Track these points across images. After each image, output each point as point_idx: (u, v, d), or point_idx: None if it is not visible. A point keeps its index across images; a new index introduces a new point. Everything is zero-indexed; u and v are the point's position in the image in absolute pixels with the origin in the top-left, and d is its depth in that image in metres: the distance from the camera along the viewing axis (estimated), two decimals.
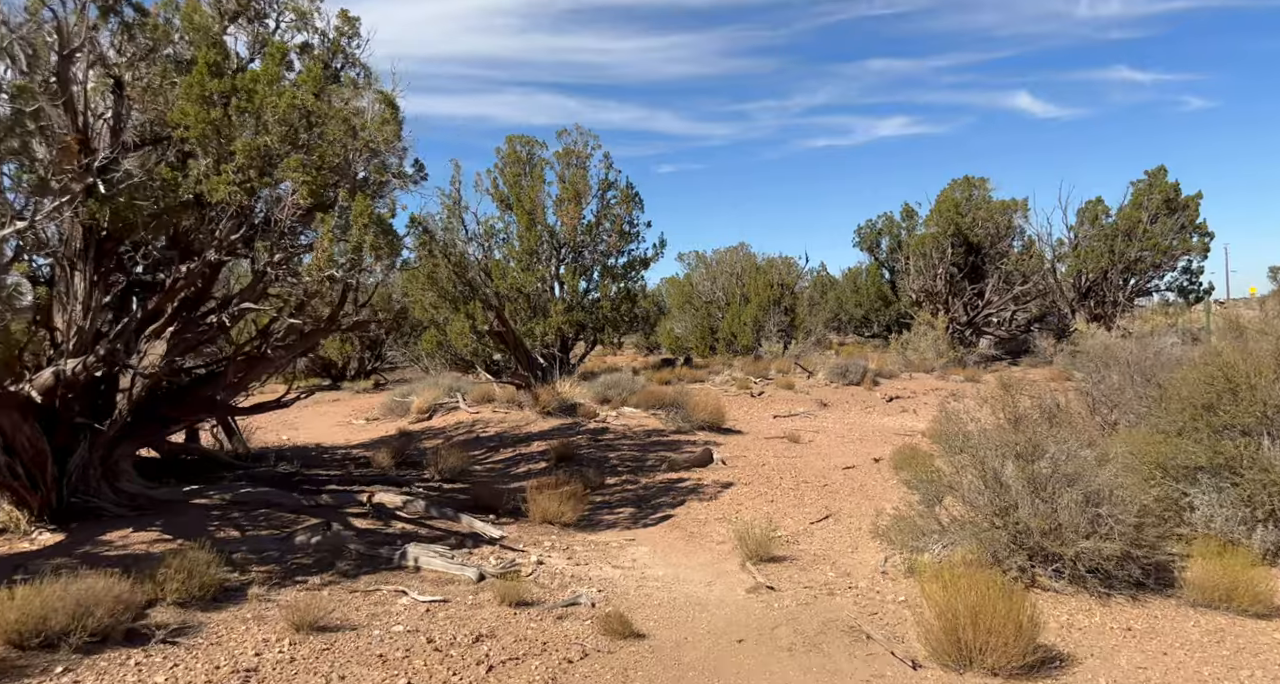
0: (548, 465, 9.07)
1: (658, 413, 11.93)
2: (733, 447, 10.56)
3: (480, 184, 19.28)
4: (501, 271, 17.88)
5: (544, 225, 18.45)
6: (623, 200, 19.52)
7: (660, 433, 11.03)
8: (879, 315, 30.47)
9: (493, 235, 19.19)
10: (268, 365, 7.13)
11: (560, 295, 18.37)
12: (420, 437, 10.37)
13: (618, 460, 9.28)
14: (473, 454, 9.56)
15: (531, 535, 6.62)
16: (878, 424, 13.39)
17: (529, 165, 19.02)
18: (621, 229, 19.30)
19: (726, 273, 29.11)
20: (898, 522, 6.40)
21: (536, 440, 10.08)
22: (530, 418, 11.04)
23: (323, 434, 11.26)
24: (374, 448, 10.07)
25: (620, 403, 12.55)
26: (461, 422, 10.94)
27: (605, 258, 19.38)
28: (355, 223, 5.35)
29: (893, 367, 19.75)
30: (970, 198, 20.89)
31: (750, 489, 8.31)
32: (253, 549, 5.45)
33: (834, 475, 9.08)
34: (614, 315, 18.66)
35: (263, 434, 11.53)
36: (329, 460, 8.47)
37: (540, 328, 17.71)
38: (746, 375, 19.03)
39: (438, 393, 12.08)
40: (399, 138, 6.05)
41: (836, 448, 10.95)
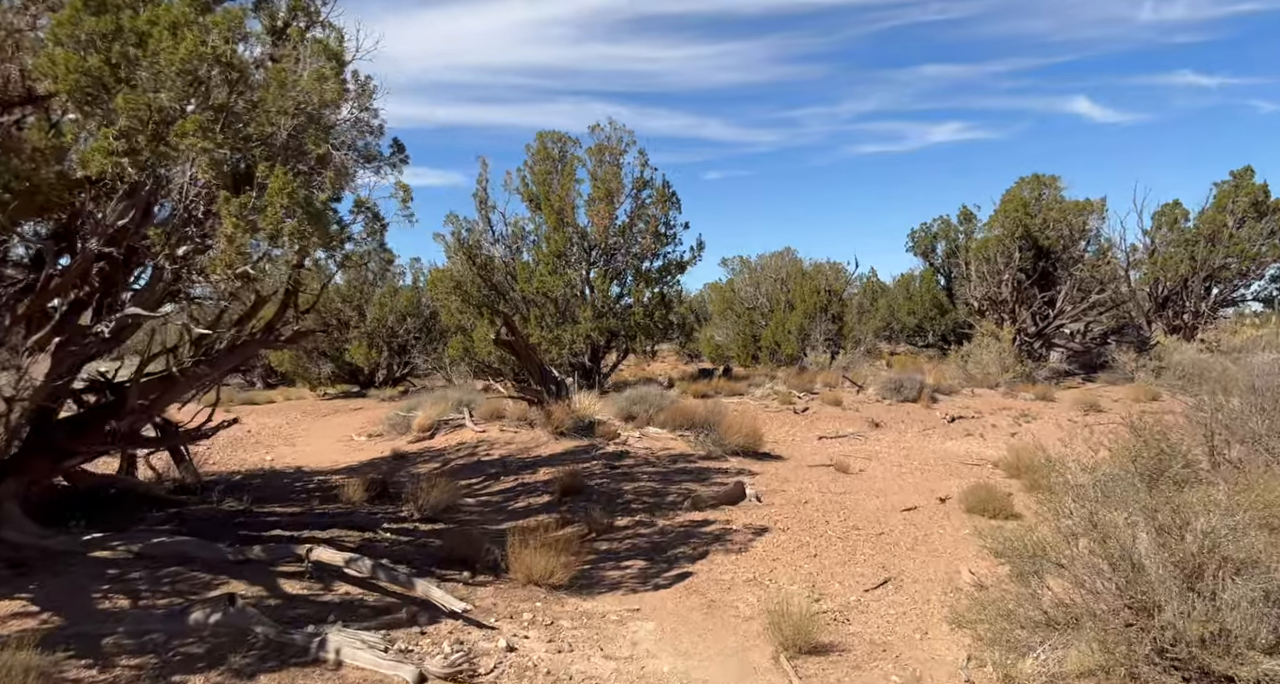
0: (551, 500, 7.67)
1: (686, 434, 10.45)
2: (770, 477, 9.03)
3: (509, 182, 18.11)
4: (527, 274, 16.61)
5: (573, 226, 17.14)
6: (658, 200, 18.10)
7: (688, 458, 9.55)
8: (934, 324, 28.46)
9: (522, 237, 18.00)
10: (188, 386, 5.90)
11: (590, 300, 17.03)
12: (415, 460, 9.10)
13: (633, 495, 7.84)
14: (467, 483, 8.22)
15: (509, 602, 5.22)
16: (939, 450, 11.69)
17: (560, 163, 17.76)
18: (656, 230, 17.88)
19: (771, 278, 27.48)
20: (982, 603, 4.83)
21: (544, 466, 8.70)
22: (541, 439, 9.70)
23: (314, 453, 10.08)
24: (361, 472, 8.80)
25: (646, 421, 11.11)
26: (465, 442, 9.66)
27: (639, 261, 17.98)
28: (271, 203, 4.05)
29: (952, 381, 17.91)
30: (1040, 197, 18.94)
31: (789, 537, 6.78)
32: (133, 631, 4.16)
33: (891, 520, 7.49)
34: (647, 322, 17.24)
35: (244, 453, 10.38)
36: (295, 491, 7.24)
37: (569, 335, 16.39)
38: (790, 389, 17.42)
39: (444, 408, 10.84)
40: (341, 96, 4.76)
41: (893, 480, 9.32)
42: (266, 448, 11.08)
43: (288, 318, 6.31)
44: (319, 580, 5.01)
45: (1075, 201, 18.70)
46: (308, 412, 17.13)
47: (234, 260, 4.14)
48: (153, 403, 5.67)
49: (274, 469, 8.53)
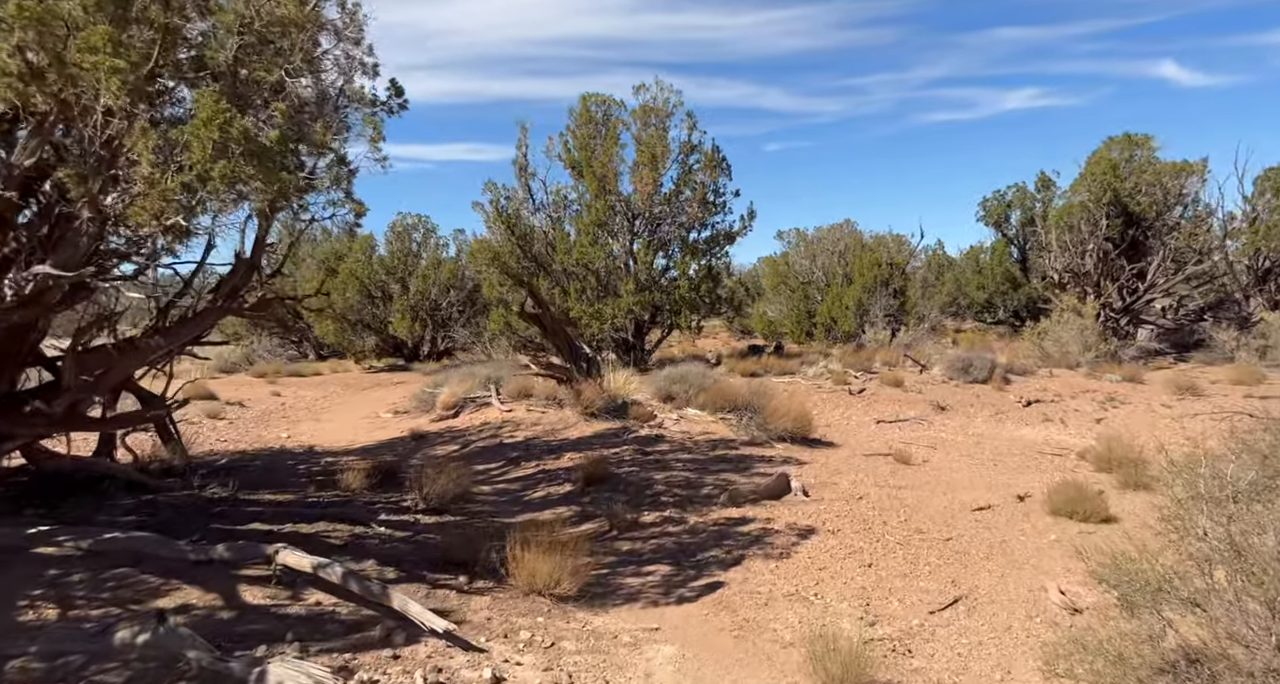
0: (573, 490, 6.88)
1: (728, 417, 9.54)
2: (820, 468, 8.07)
3: (551, 149, 17.26)
4: (567, 245, 15.81)
5: (616, 194, 16.23)
6: (707, 165, 17.04)
7: (728, 444, 8.65)
8: (1005, 299, 26.72)
9: (564, 206, 17.18)
10: (139, 359, 5.24)
11: (633, 273, 16.15)
12: (434, 440, 8.44)
13: (664, 486, 6.99)
14: (485, 469, 7.49)
15: (507, 616, 4.44)
16: (1014, 437, 10.51)
17: (603, 127, 16.83)
18: (704, 198, 16.85)
19: (828, 251, 26.13)
20: (1082, 642, 3.84)
21: (570, 451, 7.92)
22: (569, 420, 8.92)
23: (334, 431, 9.52)
24: (375, 453, 8.16)
25: (685, 402, 10.23)
26: (489, 422, 8.96)
27: (685, 231, 17.00)
28: (196, 136, 3.27)
29: (1027, 361, 16.49)
30: (1130, 159, 17.18)
31: (839, 542, 5.85)
32: (48, 651, 3.51)
33: (961, 521, 6.48)
34: (693, 296, 16.28)
35: (264, 430, 9.89)
36: (295, 474, 6.62)
37: (610, 309, 15.58)
38: (845, 368, 16.28)
39: (471, 385, 10.17)
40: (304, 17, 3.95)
41: (962, 473, 8.26)
42: (291, 423, 10.58)
43: (253, 283, 5.61)
44: (287, 587, 4.32)
45: (1172, 163, 16.91)
46: (349, 385, 16.77)
47: (161, 208, 3.41)
48: (98, 380, 5.06)
49: (284, 448, 7.97)
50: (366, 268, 20.26)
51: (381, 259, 20.78)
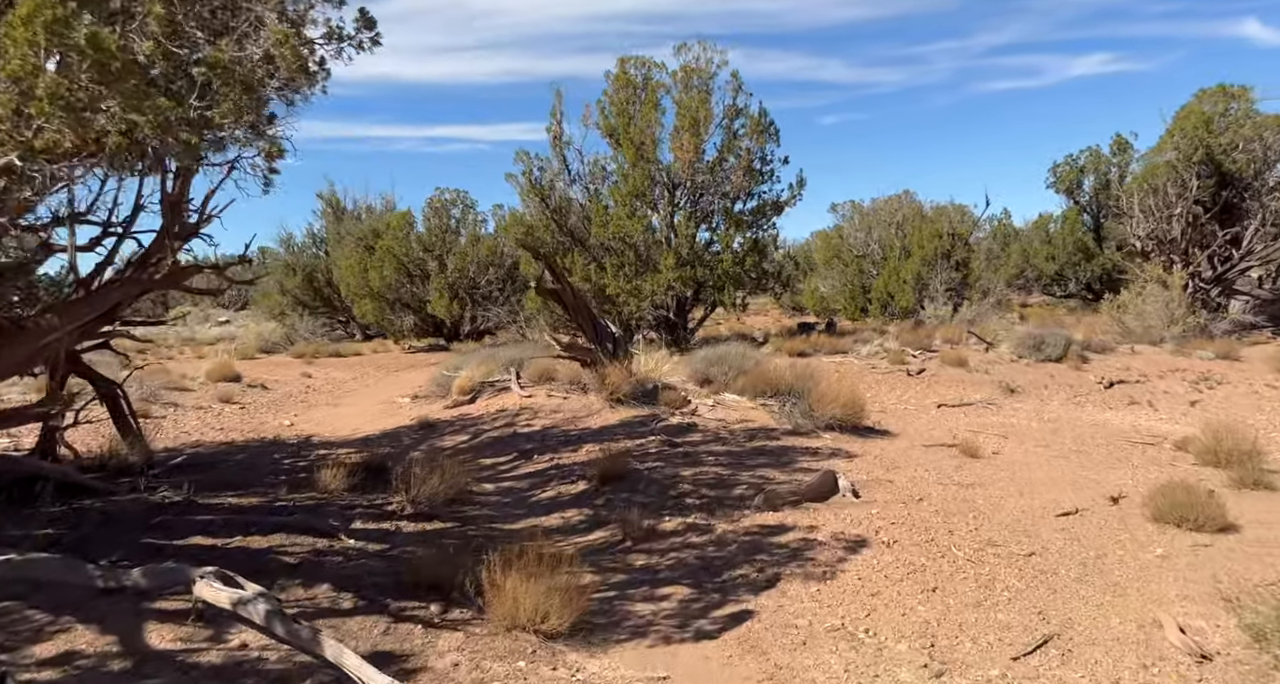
0: (587, 489, 6.01)
1: (769, 403, 8.55)
2: (874, 461, 7.04)
3: (588, 117, 16.26)
4: (603, 218, 14.87)
5: (655, 162, 15.18)
6: (753, 130, 15.85)
7: (769, 434, 7.67)
8: (1077, 271, 24.84)
9: (602, 177, 16.21)
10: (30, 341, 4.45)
11: (673, 246, 15.14)
12: (443, 430, 7.67)
13: (691, 484, 6.07)
14: (493, 463, 6.67)
15: (477, 662, 3.60)
16: (1097, 423, 9.25)
17: (642, 91, 15.74)
18: (750, 165, 15.68)
19: (885, 222, 24.60)
20: None
21: (589, 443, 7.05)
22: (593, 407, 8.06)
23: (344, 417, 8.84)
24: (377, 443, 7.43)
25: (723, 385, 9.25)
26: (505, 409, 8.16)
27: (729, 201, 15.89)
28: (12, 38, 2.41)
29: (1105, 337, 14.98)
30: (1226, 112, 15.34)
31: (896, 557, 4.84)
32: None
33: (1044, 530, 5.40)
34: (737, 271, 15.21)
35: (270, 416, 9.28)
36: (275, 471, 5.85)
37: (649, 285, 14.63)
38: (902, 346, 15.05)
39: (491, 368, 9.39)
40: None
41: (1040, 468, 7.12)
42: (305, 409, 9.98)
43: (165, 250, 4.84)
44: (208, 623, 3.54)
45: (1275, 116, 15.02)
46: (383, 366, 16.26)
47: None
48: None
49: (278, 439, 7.30)
50: (404, 245, 19.69)
51: (419, 236, 20.18)
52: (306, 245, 26.60)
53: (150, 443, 5.41)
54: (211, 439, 7.08)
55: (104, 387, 5.04)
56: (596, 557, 4.85)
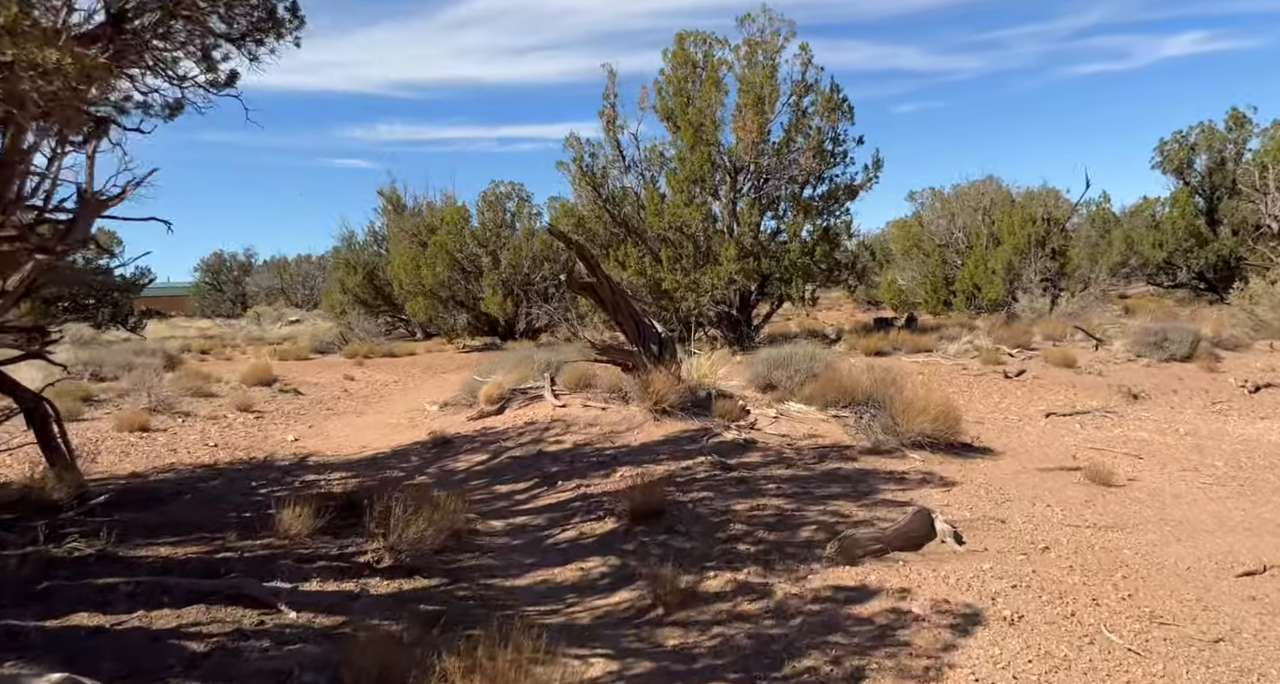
0: (615, 528, 4.83)
1: (843, 413, 7.20)
2: (977, 491, 5.64)
3: (644, 99, 15.05)
4: (657, 206, 13.66)
5: (715, 144, 13.88)
6: (824, 108, 14.37)
7: (842, 453, 6.34)
8: (1188, 258, 22.27)
9: (660, 162, 14.99)
10: None
11: (735, 236, 13.83)
12: (460, 447, 6.58)
13: (745, 524, 4.81)
14: (508, 492, 5.55)
15: None
16: (1251, 438, 7.55)
17: (703, 68, 14.45)
18: (820, 146, 14.21)
19: (970, 207, 22.62)
20: None
21: (625, 465, 5.87)
22: (635, 419, 6.88)
23: (358, 431, 7.85)
24: (380, 466, 6.41)
25: (789, 392, 7.95)
26: (535, 422, 7.07)
27: (797, 186, 14.45)
28: None
29: (1235, 332, 12.93)
30: None
31: (1025, 643, 3.49)
32: None
33: (1225, 597, 3.95)
34: (806, 262, 13.77)
35: (283, 428, 8.43)
36: (239, 506, 4.80)
37: (709, 279, 13.37)
38: (996, 344, 13.36)
39: (525, 373, 8.33)
40: None
41: (1195, 502, 5.58)
42: (325, 417, 9.13)
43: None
44: None
45: None
46: (431, 367, 15.48)
47: None
48: None
49: (269, 460, 6.30)
50: (458, 240, 18.91)
51: (474, 231, 19.38)
52: (368, 243, 26.30)
53: (84, 473, 4.44)
54: (194, 460, 6.16)
55: (28, 401, 4.18)
56: (616, 631, 3.67)
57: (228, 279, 55.86)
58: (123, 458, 6.25)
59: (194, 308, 55.53)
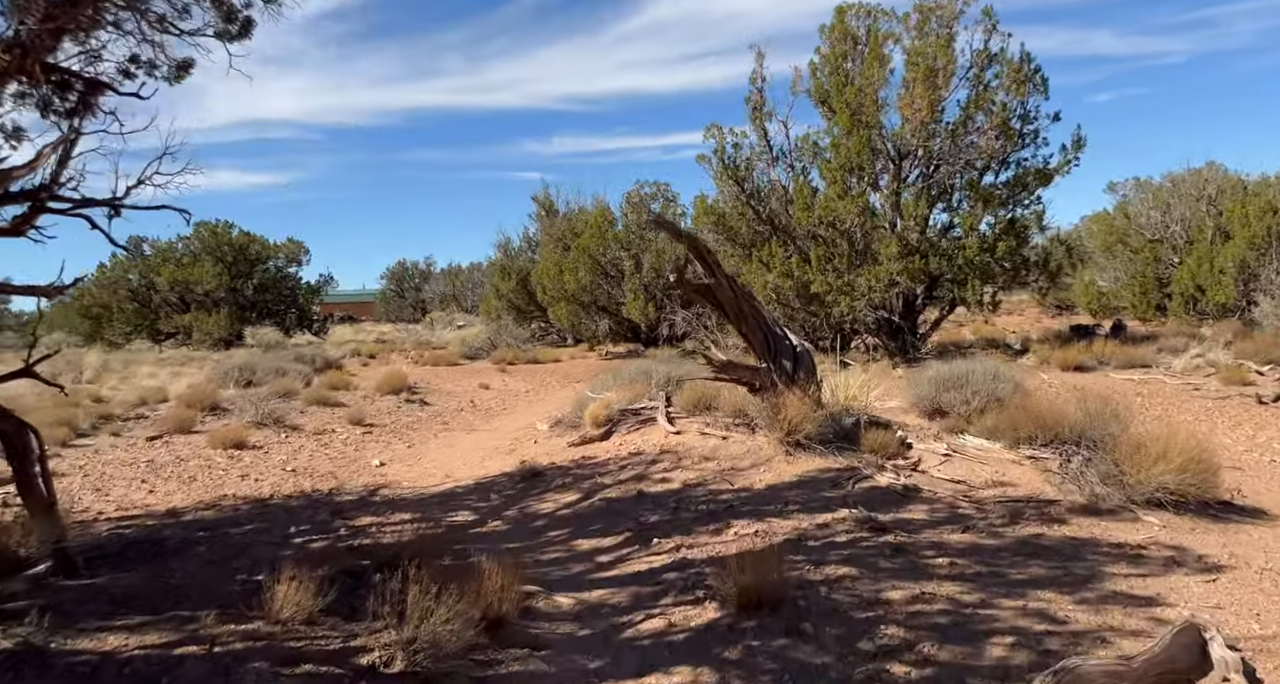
0: (716, 621, 3.51)
1: (1041, 452, 5.45)
2: (1258, 579, 3.80)
3: (797, 82, 13.52)
4: (807, 200, 12.12)
5: (876, 128, 12.11)
6: (1011, 80, 12.19)
7: (1043, 512, 4.64)
8: None
9: (814, 152, 13.39)
10: None
11: (898, 232, 11.99)
12: (548, 482, 5.46)
13: (902, 628, 3.35)
14: (590, 550, 4.39)
15: None
16: None
17: (865, 43, 12.73)
18: (1005, 124, 12.05)
19: (1191, 195, 19.03)
20: None
21: (744, 517, 4.55)
22: (760, 453, 5.52)
23: (452, 457, 6.87)
24: (459, 503, 5.46)
25: (964, 420, 6.26)
26: (642, 451, 5.88)
27: (975, 171, 12.36)
28: None
29: None
30: None
31: None
32: None
33: None
34: (984, 260, 11.66)
35: (361, 451, 7.78)
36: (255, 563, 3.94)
37: (865, 280, 11.64)
38: (1237, 359, 10.68)
39: (639, 390, 7.18)
40: None
41: None
42: (434, 433, 8.45)
43: None
44: None
45: None
46: (569, 374, 14.80)
47: None
48: None
49: (333, 493, 5.40)
50: (601, 244, 18.21)
51: (617, 234, 18.62)
52: (522, 249, 26.47)
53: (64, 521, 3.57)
54: (250, 493, 5.44)
55: (11, 432, 3.57)
56: None
57: (409, 286, 59.67)
58: (183, 485, 5.77)
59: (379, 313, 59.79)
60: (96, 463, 6.49)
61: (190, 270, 28.16)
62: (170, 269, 28.27)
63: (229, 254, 29.07)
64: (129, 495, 5.43)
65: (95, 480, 5.86)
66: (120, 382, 13.36)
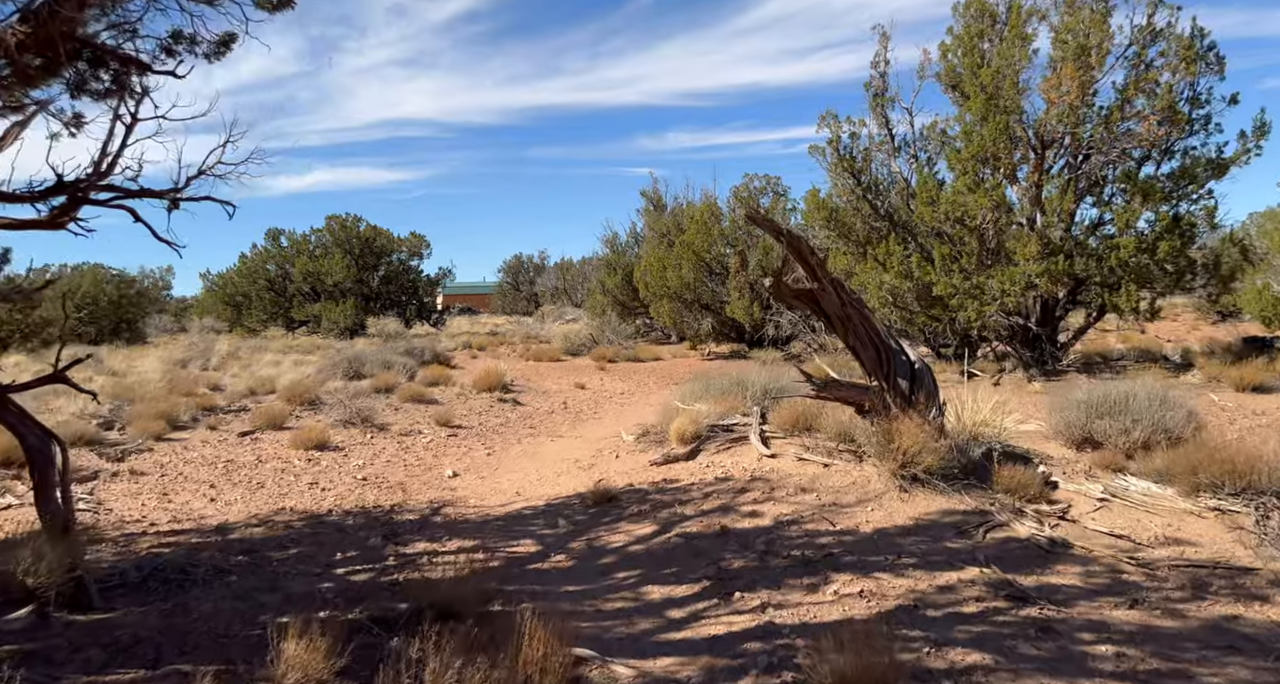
0: None
1: (1230, 505, 4.35)
2: None
3: (924, 67, 12.32)
4: (931, 193, 10.97)
5: (1015, 112, 10.79)
6: (1179, 59, 10.56)
7: (1236, 584, 3.62)
8: None
9: (941, 143, 12.19)
10: None
11: (1038, 229, 10.65)
12: (622, 509, 4.81)
13: None
14: (661, 600, 3.73)
15: None
16: None
17: (1004, 20, 11.40)
18: (1171, 108, 10.44)
19: None
20: None
21: (847, 570, 3.78)
22: (869, 486, 4.69)
23: (529, 470, 6.34)
24: (522, 529, 4.93)
25: (1123, 454, 5.18)
26: (730, 477, 5.16)
27: (1134, 161, 10.81)
28: None
29: None
30: None
31: None
32: None
33: None
34: (1143, 261, 10.13)
35: (451, 454, 7.41)
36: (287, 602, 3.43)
37: (999, 283, 10.41)
38: None
39: (732, 404, 6.43)
40: None
41: None
42: (520, 439, 8.03)
43: None
44: None
45: None
46: (668, 375, 14.22)
47: None
48: None
49: (394, 510, 4.91)
50: (706, 239, 17.48)
51: (723, 229, 17.83)
52: (628, 245, 26.15)
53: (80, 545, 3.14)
54: (309, 505, 5.08)
55: (35, 442, 3.30)
56: None
57: (524, 279, 61.04)
58: (248, 493, 5.55)
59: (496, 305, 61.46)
60: (178, 461, 6.45)
61: (321, 262, 29.57)
62: (304, 260, 29.78)
63: (356, 246, 30.31)
64: (190, 504, 5.25)
65: (167, 482, 5.77)
66: (241, 370, 13.87)
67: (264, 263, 31.04)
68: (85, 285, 24.40)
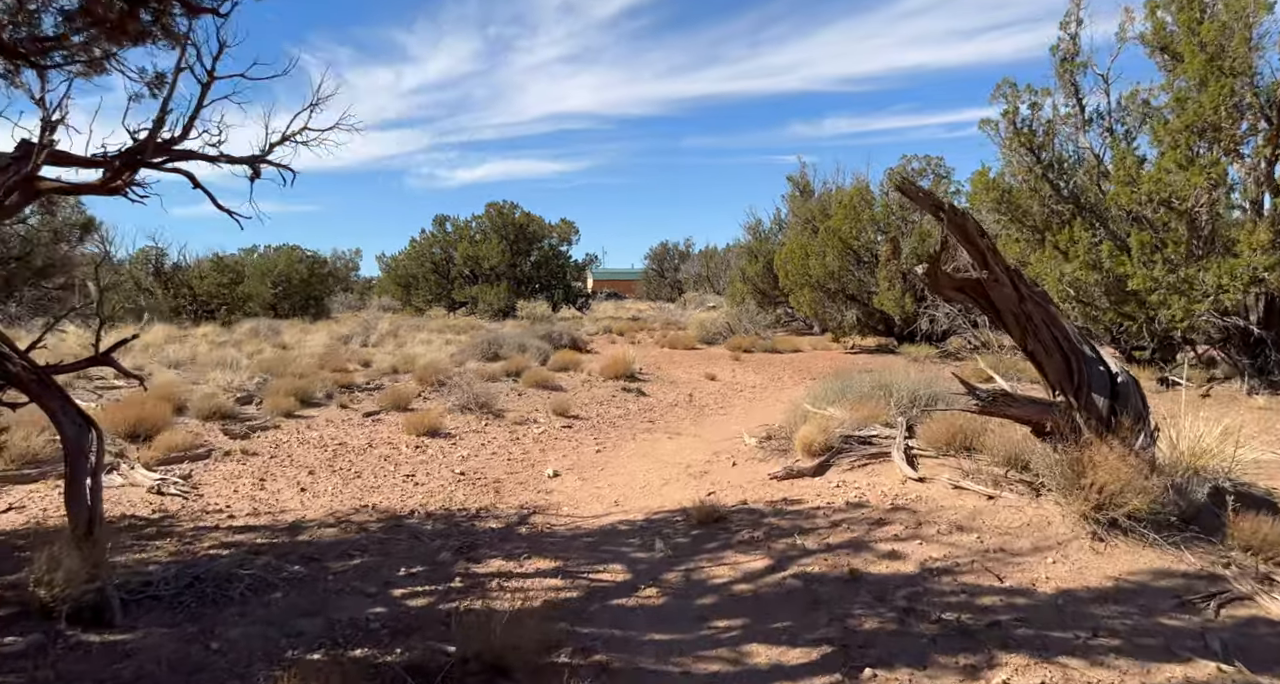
0: None
1: None
2: None
3: (1126, 27, 10.39)
4: (1129, 172, 9.18)
5: (1245, 73, 8.78)
6: None
7: None
8: None
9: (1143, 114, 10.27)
10: None
11: (1267, 214, 8.63)
12: (731, 533, 3.95)
13: None
14: (763, 674, 2.96)
15: None
16: None
17: None
18: None
19: None
20: None
21: (1021, 649, 2.82)
22: (1051, 530, 3.61)
23: (648, 466, 5.71)
24: (611, 550, 4.21)
25: None
26: (865, 501, 4.20)
27: None
28: None
29: None
30: None
31: None
32: None
33: None
34: None
35: (560, 449, 6.84)
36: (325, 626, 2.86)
37: (1213, 277, 8.56)
38: None
39: (871, 411, 5.37)
40: None
41: None
42: (631, 436, 7.33)
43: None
44: None
45: None
46: (805, 370, 13.14)
47: None
48: None
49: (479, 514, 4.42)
50: (855, 225, 16.05)
51: (873, 214, 16.30)
52: (772, 231, 25.00)
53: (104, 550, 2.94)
54: (395, 503, 4.62)
55: (71, 431, 2.95)
56: None
57: (669, 266, 60.85)
58: (340, 485, 5.24)
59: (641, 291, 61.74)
60: (294, 441, 6.35)
61: (480, 246, 30.57)
62: (465, 245, 30.90)
63: (511, 232, 31.06)
64: (279, 494, 5.01)
65: (270, 466, 5.61)
66: (395, 347, 14.25)
67: (430, 247, 32.53)
68: (280, 264, 26.57)
